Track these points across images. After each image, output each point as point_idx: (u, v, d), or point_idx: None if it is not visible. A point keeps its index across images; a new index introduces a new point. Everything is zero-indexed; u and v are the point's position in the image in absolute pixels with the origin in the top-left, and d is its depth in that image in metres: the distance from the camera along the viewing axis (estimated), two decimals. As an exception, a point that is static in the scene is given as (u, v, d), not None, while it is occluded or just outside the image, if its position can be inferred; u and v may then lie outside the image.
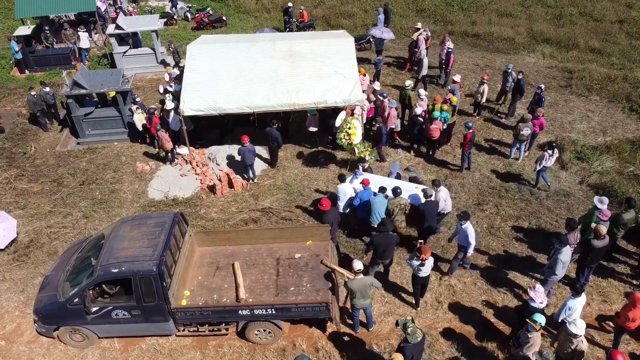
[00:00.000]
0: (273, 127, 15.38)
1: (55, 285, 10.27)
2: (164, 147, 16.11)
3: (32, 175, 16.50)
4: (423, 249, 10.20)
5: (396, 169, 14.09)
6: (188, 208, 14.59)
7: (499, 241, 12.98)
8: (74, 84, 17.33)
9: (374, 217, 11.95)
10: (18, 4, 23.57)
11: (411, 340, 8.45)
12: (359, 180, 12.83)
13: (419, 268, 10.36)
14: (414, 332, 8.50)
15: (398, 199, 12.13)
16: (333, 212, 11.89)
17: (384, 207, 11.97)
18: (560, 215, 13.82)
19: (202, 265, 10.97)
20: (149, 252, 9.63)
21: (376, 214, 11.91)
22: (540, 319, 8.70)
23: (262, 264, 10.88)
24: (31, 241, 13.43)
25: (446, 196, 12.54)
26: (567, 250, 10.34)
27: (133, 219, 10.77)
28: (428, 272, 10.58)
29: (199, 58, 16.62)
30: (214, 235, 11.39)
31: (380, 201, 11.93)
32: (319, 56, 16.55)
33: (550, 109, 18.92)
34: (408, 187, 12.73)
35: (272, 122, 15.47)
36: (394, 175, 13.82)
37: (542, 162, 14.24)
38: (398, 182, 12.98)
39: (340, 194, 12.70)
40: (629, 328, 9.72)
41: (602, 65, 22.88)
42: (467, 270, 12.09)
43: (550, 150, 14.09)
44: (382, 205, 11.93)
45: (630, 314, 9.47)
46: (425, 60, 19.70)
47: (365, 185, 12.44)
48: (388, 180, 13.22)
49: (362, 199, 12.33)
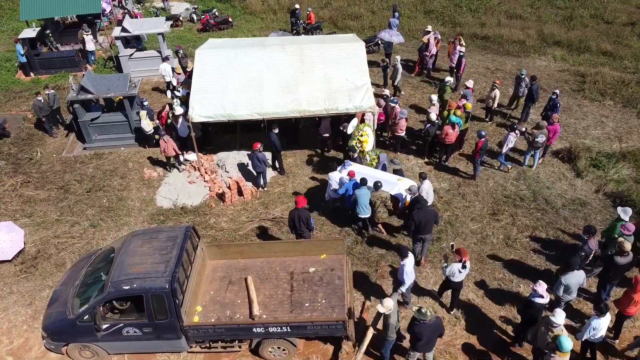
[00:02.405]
0: (272, 131, 15.16)
1: (64, 301, 10.01)
2: (167, 153, 15.92)
3: (39, 181, 16.26)
4: (462, 251, 10.06)
5: (383, 160, 14.48)
6: (197, 217, 14.33)
7: (516, 253, 12.68)
8: (80, 88, 17.09)
9: (360, 209, 12.58)
10: (23, 6, 23.29)
11: (426, 319, 8.64)
12: (347, 171, 13.36)
13: (460, 271, 10.08)
14: (427, 313, 8.69)
15: (379, 192, 12.84)
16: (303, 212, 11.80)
17: (367, 199, 12.54)
18: (577, 225, 13.51)
19: (214, 279, 10.71)
20: (161, 268, 9.37)
21: (362, 206, 12.51)
22: (566, 344, 8.35)
23: (276, 278, 10.62)
24: (38, 252, 13.18)
25: (429, 188, 12.87)
26: (573, 277, 9.95)
27: (144, 232, 10.50)
28: (464, 275, 10.36)
29: (207, 63, 16.33)
30: (226, 249, 11.12)
31: (365, 193, 12.45)
32: (329, 61, 16.25)
33: (563, 114, 18.60)
34: (391, 180, 13.12)
35: (273, 126, 15.26)
36: (380, 166, 14.19)
37: (508, 145, 14.77)
38: (382, 175, 13.44)
39: (332, 181, 13.53)
40: (630, 314, 9.90)
41: (614, 68, 22.54)
42: (407, 307, 11.13)
43: (514, 132, 14.69)
44: (366, 197, 12.50)
45: (636, 296, 9.54)
46: (399, 67, 19.32)
47: (351, 177, 13.01)
48: (373, 171, 13.69)
49: (348, 189, 12.94)
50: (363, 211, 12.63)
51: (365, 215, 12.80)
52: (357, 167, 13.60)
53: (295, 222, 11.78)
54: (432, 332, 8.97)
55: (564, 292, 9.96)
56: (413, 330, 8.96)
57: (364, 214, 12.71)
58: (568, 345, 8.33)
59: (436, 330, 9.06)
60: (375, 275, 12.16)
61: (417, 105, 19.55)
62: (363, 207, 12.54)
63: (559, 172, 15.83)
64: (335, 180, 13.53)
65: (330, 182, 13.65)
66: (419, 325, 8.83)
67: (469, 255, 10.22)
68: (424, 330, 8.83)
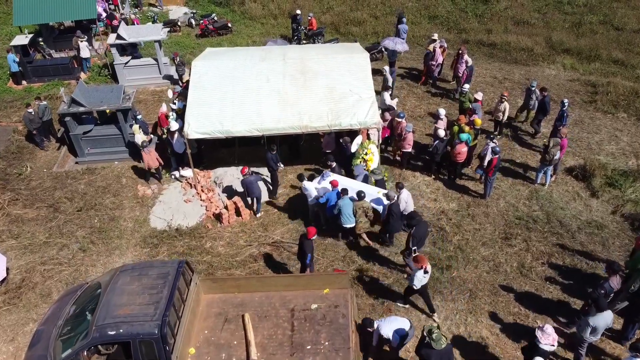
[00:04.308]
0: (270, 152, 14.39)
1: (46, 344, 9.22)
2: (149, 165, 15.31)
3: (27, 199, 15.52)
4: (420, 258, 10.32)
5: (360, 170, 14.23)
6: (193, 240, 13.58)
7: (531, 284, 11.90)
8: (72, 101, 16.35)
9: (345, 219, 12.52)
10: (16, 11, 22.57)
11: (435, 346, 8.41)
12: (327, 181, 13.26)
13: (423, 276, 10.37)
14: (439, 338, 8.44)
15: (361, 202, 12.89)
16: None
17: (351, 208, 12.50)
18: (595, 251, 12.77)
19: (208, 316, 9.94)
20: (150, 310, 8.60)
21: (346, 215, 12.47)
22: None
23: (275, 315, 9.85)
24: (23, 280, 12.40)
25: (407, 197, 12.80)
26: (602, 318, 9.23)
27: (133, 268, 9.71)
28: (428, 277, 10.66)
29: (204, 75, 15.57)
30: (222, 282, 10.34)
31: (348, 203, 12.41)
32: (333, 73, 15.50)
33: (575, 128, 17.86)
34: (371, 191, 13.01)
35: (272, 147, 14.48)
36: (360, 177, 14.01)
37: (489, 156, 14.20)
38: (363, 186, 13.29)
39: (309, 192, 13.31)
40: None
41: (626, 78, 21.72)
42: None
43: (492, 142, 14.20)
44: (349, 207, 12.45)
45: None
46: (388, 76, 18.56)
47: (334, 187, 12.87)
48: (354, 182, 13.52)
49: (330, 199, 12.79)
50: (348, 221, 12.60)
51: (350, 224, 12.72)
52: (337, 178, 13.45)
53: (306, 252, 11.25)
54: (441, 357, 8.63)
55: (591, 334, 9.21)
56: (420, 352, 8.78)
57: (348, 223, 12.66)
58: None
59: (445, 357, 8.68)
60: (382, 308, 11.41)
61: (423, 117, 18.81)
62: (347, 217, 12.53)
63: (573, 191, 15.08)
64: (310, 190, 13.31)
65: (305, 192, 13.43)
66: (427, 349, 8.57)
67: (426, 260, 10.44)
68: (432, 355, 8.56)
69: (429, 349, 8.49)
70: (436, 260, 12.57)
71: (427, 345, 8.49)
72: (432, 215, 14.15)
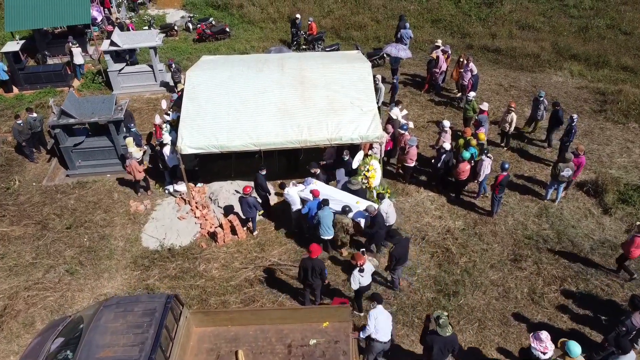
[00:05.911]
0: (260, 172, 13.73)
1: (24, 385, 8.60)
2: (137, 177, 14.86)
3: (15, 215, 14.88)
4: (357, 256, 10.37)
5: (342, 176, 13.96)
6: (186, 262, 12.91)
7: (544, 313, 11.21)
8: (61, 112, 15.70)
9: (324, 230, 12.24)
10: (8, 17, 21.90)
11: (441, 332, 8.42)
12: (308, 189, 12.80)
13: (361, 275, 10.36)
14: (446, 325, 8.44)
15: (342, 217, 12.59)
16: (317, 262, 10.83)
17: (331, 220, 12.22)
18: (610, 276, 12.09)
19: (199, 352, 9.28)
20: (134, 353, 7.93)
21: (325, 227, 12.18)
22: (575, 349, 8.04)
23: (271, 352, 9.18)
24: (5, 308, 11.71)
25: (387, 208, 12.45)
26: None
27: (117, 304, 9.01)
28: (369, 279, 10.68)
29: (199, 86, 14.87)
30: (214, 315, 9.68)
31: (328, 215, 12.13)
32: (333, 84, 14.81)
33: (585, 139, 17.19)
34: (349, 201, 12.62)
35: (261, 167, 13.84)
36: (340, 184, 13.65)
37: (484, 171, 13.96)
38: (342, 195, 12.91)
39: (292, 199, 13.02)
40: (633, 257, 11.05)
41: (637, 86, 21.00)
42: None
43: (487, 157, 13.98)
44: (329, 218, 12.16)
45: None
46: (381, 86, 17.86)
47: (315, 196, 12.44)
48: (334, 191, 13.14)
49: (312, 208, 12.46)
50: (326, 232, 12.30)
51: (328, 236, 12.42)
52: (319, 186, 13.00)
53: (309, 273, 10.69)
54: (445, 344, 8.59)
55: None
56: (425, 339, 8.81)
57: (327, 235, 12.36)
58: (577, 350, 8.10)
59: (449, 345, 8.63)
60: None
61: (426, 127, 18.15)
62: (326, 229, 12.24)
63: (585, 207, 14.41)
64: (294, 196, 12.97)
65: (288, 199, 13.10)
66: (432, 335, 8.60)
67: (365, 260, 10.49)
68: (436, 341, 8.53)
69: (434, 335, 8.50)
70: (442, 285, 11.92)
71: (433, 332, 8.53)
72: (437, 235, 13.49)
